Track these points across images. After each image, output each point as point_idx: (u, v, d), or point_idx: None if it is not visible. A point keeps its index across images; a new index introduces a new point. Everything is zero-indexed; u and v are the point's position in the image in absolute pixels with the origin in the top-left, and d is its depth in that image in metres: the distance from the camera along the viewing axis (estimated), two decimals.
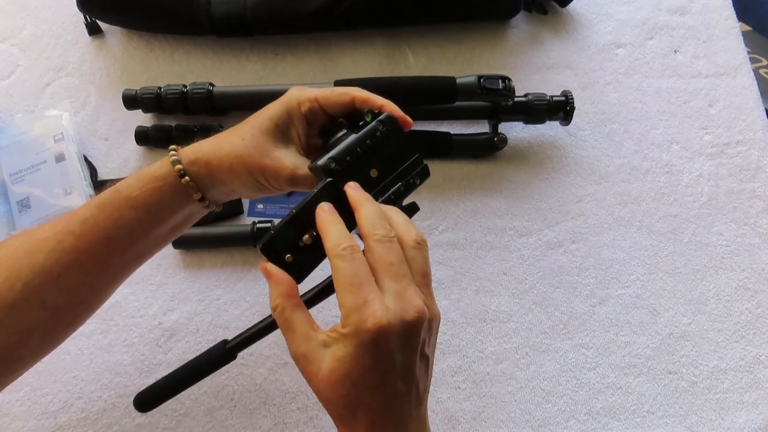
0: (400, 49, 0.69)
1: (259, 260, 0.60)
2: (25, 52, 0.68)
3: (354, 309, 0.33)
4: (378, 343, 0.32)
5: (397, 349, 0.33)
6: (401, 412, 0.35)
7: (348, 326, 0.33)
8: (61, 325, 0.43)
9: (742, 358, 0.59)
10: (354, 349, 0.33)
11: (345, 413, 0.34)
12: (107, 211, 0.41)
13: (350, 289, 0.33)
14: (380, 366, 0.33)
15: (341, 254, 0.34)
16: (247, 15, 0.64)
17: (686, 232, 0.63)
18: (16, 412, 0.54)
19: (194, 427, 0.54)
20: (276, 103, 0.43)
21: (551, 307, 0.60)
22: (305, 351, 0.34)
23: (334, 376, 0.33)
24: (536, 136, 0.67)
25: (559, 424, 0.56)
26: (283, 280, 0.36)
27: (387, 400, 0.34)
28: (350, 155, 0.39)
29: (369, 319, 0.32)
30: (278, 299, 0.35)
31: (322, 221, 0.36)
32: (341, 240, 0.35)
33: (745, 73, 0.70)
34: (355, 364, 0.33)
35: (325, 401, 0.35)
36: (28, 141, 0.62)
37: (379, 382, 0.33)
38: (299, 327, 0.35)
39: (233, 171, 0.41)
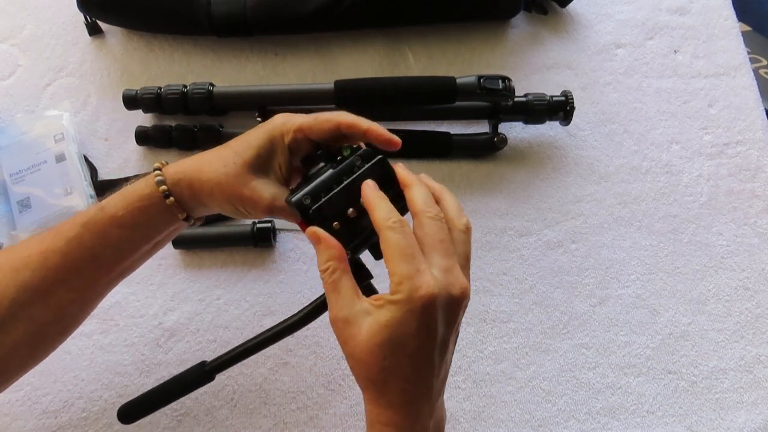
0: (400, 49, 0.69)
1: (259, 260, 0.60)
2: (26, 53, 0.68)
3: (407, 277, 0.34)
4: (426, 311, 0.34)
5: (440, 321, 0.34)
6: (430, 384, 0.36)
7: (399, 293, 0.34)
8: (47, 339, 0.43)
9: (741, 357, 0.59)
10: (402, 314, 0.34)
11: (378, 378, 0.35)
12: (93, 230, 0.41)
13: (403, 258, 0.34)
14: (422, 334, 0.34)
15: (392, 226, 0.35)
16: (247, 15, 0.64)
17: (686, 232, 0.63)
18: (16, 412, 0.54)
19: (194, 427, 0.54)
20: (260, 131, 0.43)
21: (551, 307, 0.60)
22: (347, 314, 0.35)
23: (374, 339, 0.34)
24: (536, 136, 0.67)
25: (559, 424, 0.56)
26: (334, 244, 0.37)
27: (420, 370, 0.35)
28: (325, 191, 0.39)
29: (422, 287, 0.33)
30: (329, 261, 0.36)
31: (370, 197, 0.37)
32: (391, 214, 0.36)
33: (744, 73, 0.70)
34: (399, 330, 0.34)
35: (359, 365, 0.35)
36: (28, 141, 0.62)
37: (417, 351, 0.34)
38: (345, 291, 0.36)
39: (213, 196, 0.42)
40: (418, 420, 0.36)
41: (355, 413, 0.55)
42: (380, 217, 0.36)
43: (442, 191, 0.40)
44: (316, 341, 0.57)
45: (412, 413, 0.35)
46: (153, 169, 0.42)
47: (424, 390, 0.36)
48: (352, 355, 0.35)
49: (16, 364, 0.43)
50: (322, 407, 0.55)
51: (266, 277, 0.60)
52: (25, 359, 0.43)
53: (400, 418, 0.35)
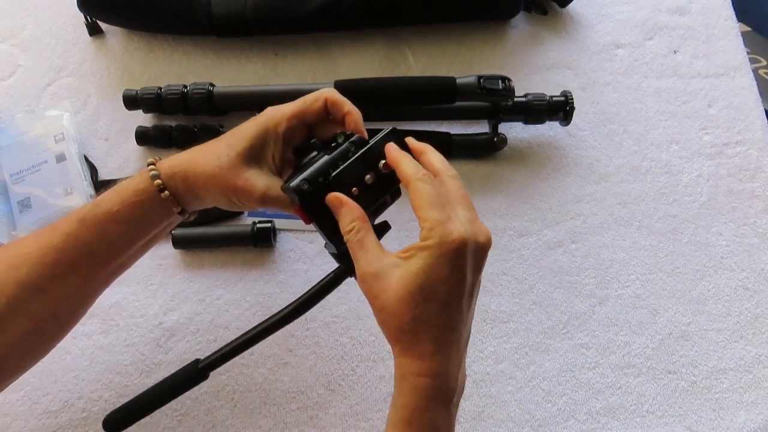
0: (400, 49, 0.70)
1: (259, 260, 0.60)
2: (26, 53, 0.68)
3: (439, 223, 0.35)
4: (458, 255, 0.35)
5: (469, 267, 0.36)
6: (459, 332, 0.37)
7: (431, 238, 0.35)
8: (46, 336, 0.44)
9: (741, 357, 0.59)
10: (434, 259, 0.35)
11: (410, 327, 0.35)
12: (89, 225, 0.41)
13: (435, 207, 0.36)
14: (453, 279, 0.35)
15: (422, 178, 0.37)
16: (247, 15, 0.64)
17: (686, 232, 0.64)
18: (16, 412, 0.54)
19: (194, 427, 0.54)
20: (252, 123, 0.43)
21: (551, 307, 0.60)
22: (376, 268, 0.36)
23: (406, 288, 0.35)
24: (536, 136, 0.67)
25: (558, 424, 0.56)
26: (355, 206, 0.39)
27: (451, 318, 0.36)
28: (323, 176, 0.40)
29: (454, 231, 0.35)
30: (353, 222, 0.38)
31: (396, 155, 0.39)
32: (418, 168, 0.38)
33: (744, 73, 0.70)
34: (431, 275, 0.35)
35: (390, 317, 0.36)
36: (28, 141, 0.62)
37: (449, 297, 0.35)
38: (372, 247, 0.37)
39: (207, 189, 0.42)
40: (449, 369, 0.36)
41: (355, 413, 0.55)
42: (409, 171, 0.38)
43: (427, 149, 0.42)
44: (316, 341, 0.57)
45: (444, 361, 0.36)
46: (147, 164, 0.43)
47: (454, 338, 0.36)
48: (383, 308, 0.36)
49: (14, 362, 0.43)
50: (322, 407, 0.55)
51: (266, 277, 0.60)
52: (23, 357, 0.43)
53: (433, 367, 0.36)
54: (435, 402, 0.36)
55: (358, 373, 0.57)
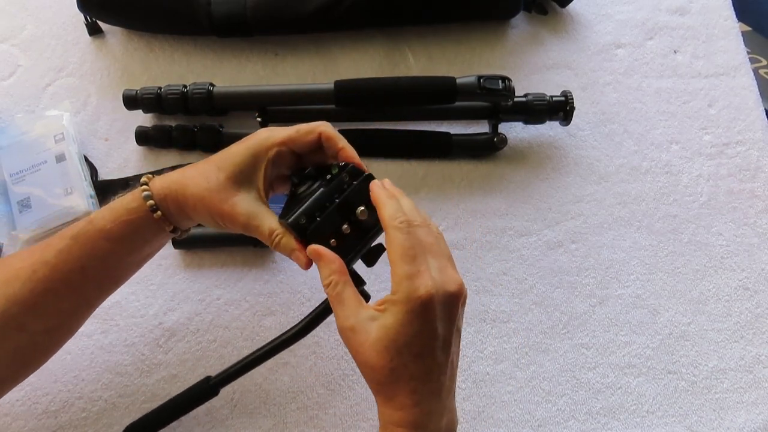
0: (400, 49, 0.69)
1: (259, 260, 0.60)
2: (26, 53, 0.68)
3: (407, 277, 0.36)
4: (426, 310, 0.35)
5: (439, 319, 0.36)
6: (440, 383, 0.37)
7: (399, 293, 0.36)
8: (39, 349, 0.44)
9: (741, 357, 0.59)
10: (403, 315, 0.36)
11: (387, 380, 0.36)
12: (81, 242, 0.42)
13: (406, 260, 0.36)
14: (425, 333, 0.36)
15: (399, 226, 0.37)
16: (247, 15, 0.64)
17: (686, 232, 0.64)
18: (16, 412, 0.54)
19: (194, 427, 0.54)
20: (243, 146, 0.43)
21: (551, 307, 0.60)
22: (354, 323, 0.37)
23: (380, 343, 0.36)
24: (536, 136, 0.67)
25: (558, 424, 0.56)
26: (334, 259, 0.39)
27: (428, 369, 0.36)
28: (319, 210, 0.41)
29: (421, 287, 0.35)
30: (331, 276, 0.38)
31: (379, 195, 0.40)
32: (398, 213, 0.38)
33: (744, 73, 0.70)
34: (402, 331, 0.35)
35: (369, 370, 0.37)
36: (28, 141, 0.62)
37: (422, 350, 0.36)
38: (349, 301, 0.38)
39: (197, 210, 0.42)
40: (430, 419, 0.36)
41: (355, 413, 0.55)
42: (388, 215, 0.38)
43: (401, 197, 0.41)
44: (316, 341, 0.57)
45: (424, 412, 0.36)
46: (140, 183, 0.43)
47: (433, 388, 0.37)
48: (362, 361, 0.37)
49: (7, 376, 0.43)
50: (322, 407, 0.55)
51: (266, 277, 0.60)
52: (16, 370, 0.44)
53: (412, 418, 0.36)
54: None
55: (358, 373, 0.56)
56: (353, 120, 0.65)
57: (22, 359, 0.43)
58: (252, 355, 0.46)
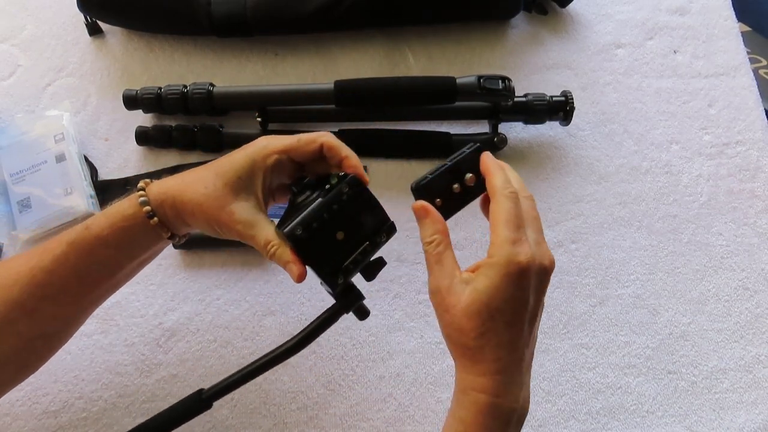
0: (400, 49, 0.69)
1: (259, 260, 0.60)
2: (26, 53, 0.68)
3: (509, 242, 0.36)
4: (523, 277, 0.36)
5: (532, 288, 0.37)
6: (522, 354, 0.37)
7: (499, 256, 0.36)
8: (34, 354, 0.44)
9: (741, 357, 0.59)
10: (500, 279, 0.36)
11: (474, 344, 0.36)
12: (78, 248, 0.41)
13: (510, 226, 0.37)
14: (518, 299, 0.36)
15: (508, 195, 0.38)
16: (247, 15, 0.64)
17: (686, 232, 0.64)
18: (16, 412, 0.54)
19: (195, 427, 0.54)
20: (242, 153, 0.43)
21: (551, 307, 0.60)
22: (449, 283, 0.37)
23: (473, 306, 0.36)
24: (536, 136, 0.67)
25: (559, 424, 0.56)
26: (440, 219, 0.40)
27: (515, 338, 0.37)
28: (316, 221, 0.40)
29: (521, 253, 0.36)
30: (435, 234, 0.39)
31: (490, 165, 0.41)
32: (509, 184, 0.39)
33: (744, 73, 0.70)
34: (496, 294, 0.36)
35: (457, 332, 0.37)
36: (28, 141, 0.62)
37: (513, 317, 0.36)
38: (448, 262, 0.38)
39: (194, 216, 0.42)
40: (510, 389, 0.37)
41: (355, 413, 0.55)
42: (498, 184, 0.39)
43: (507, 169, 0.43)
44: (316, 341, 0.57)
45: (505, 381, 0.37)
46: (137, 189, 0.43)
47: (516, 358, 0.37)
48: (450, 323, 0.37)
49: (4, 377, 0.43)
50: (322, 407, 0.55)
51: (266, 277, 0.60)
52: (12, 374, 0.44)
53: (494, 385, 0.36)
54: (492, 420, 0.37)
55: (358, 373, 0.57)
56: (353, 120, 0.65)
57: (17, 363, 0.43)
58: (247, 368, 0.44)
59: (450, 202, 0.42)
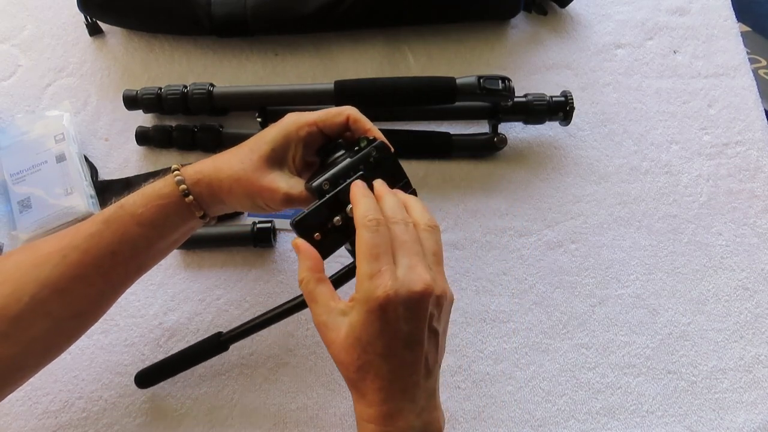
0: (400, 49, 0.70)
1: (259, 260, 0.60)
2: (26, 53, 0.68)
3: (367, 277, 0.36)
4: (385, 311, 0.35)
5: (403, 319, 0.35)
6: (408, 381, 0.37)
7: (360, 293, 0.36)
8: (64, 335, 0.44)
9: (741, 357, 0.59)
10: (364, 315, 0.35)
11: (356, 377, 0.37)
12: (113, 227, 0.42)
13: (368, 259, 0.36)
14: (386, 333, 0.35)
15: (367, 224, 0.37)
16: (248, 15, 0.64)
17: (686, 232, 0.64)
18: (17, 412, 0.54)
19: (194, 427, 0.54)
20: (274, 128, 0.45)
21: (551, 307, 0.60)
22: (326, 320, 0.37)
23: (347, 340, 0.36)
24: (536, 136, 0.67)
25: (558, 424, 0.56)
26: (310, 255, 0.39)
27: (394, 368, 0.36)
28: (343, 178, 0.42)
29: (379, 287, 0.35)
30: (305, 272, 0.39)
31: (355, 194, 0.40)
32: (369, 212, 0.38)
33: (744, 73, 0.70)
34: (364, 330, 0.36)
35: (339, 365, 0.37)
36: (28, 141, 0.62)
37: (386, 350, 0.36)
38: (321, 298, 0.38)
39: (233, 193, 0.43)
40: (400, 418, 0.36)
41: (354, 413, 0.55)
42: (358, 214, 0.38)
43: (407, 198, 0.42)
44: (316, 341, 0.57)
45: (393, 410, 0.36)
46: (171, 170, 0.44)
47: (402, 386, 0.36)
48: (334, 356, 0.37)
49: (33, 360, 0.43)
50: (322, 407, 0.55)
51: (266, 277, 0.60)
52: (42, 355, 0.44)
53: (380, 414, 0.36)
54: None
55: None
56: None
57: (48, 344, 0.43)
58: (264, 315, 0.48)
59: (331, 235, 0.41)
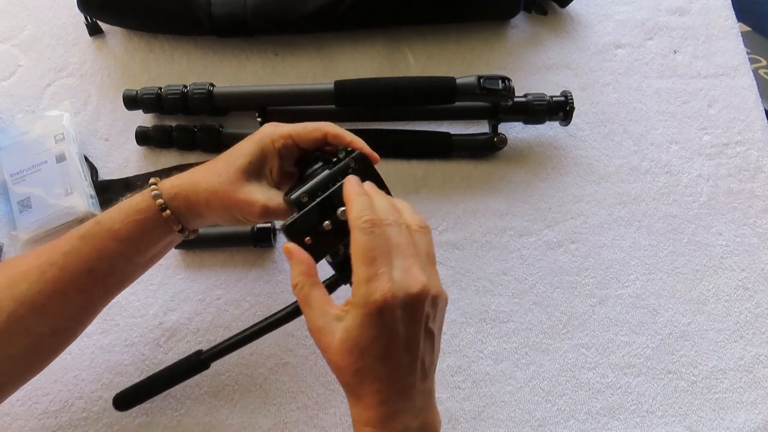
0: (400, 49, 0.70)
1: (259, 260, 0.60)
2: (26, 53, 0.68)
3: (364, 281, 0.35)
4: (383, 314, 0.35)
5: (400, 321, 0.35)
6: (405, 383, 0.36)
7: (357, 296, 0.35)
8: (43, 352, 0.44)
9: (741, 357, 0.59)
10: (362, 318, 0.35)
11: (353, 381, 0.36)
12: (89, 243, 0.42)
13: (364, 262, 0.35)
14: (385, 336, 0.35)
15: (362, 227, 0.36)
16: (248, 15, 0.64)
17: (686, 232, 0.64)
18: (17, 412, 0.54)
19: (194, 427, 0.54)
20: (250, 140, 0.44)
21: (551, 307, 0.60)
22: (321, 325, 0.37)
23: (344, 345, 0.35)
24: (536, 136, 0.67)
25: (558, 424, 0.56)
26: (303, 260, 0.38)
27: (391, 370, 0.36)
28: (322, 190, 0.41)
29: (377, 291, 0.34)
30: (298, 277, 0.38)
31: (349, 192, 0.39)
32: (364, 212, 0.37)
33: (744, 73, 0.70)
34: (362, 333, 0.35)
35: (336, 370, 0.37)
36: (28, 141, 0.62)
37: (383, 352, 0.35)
38: (316, 303, 0.37)
39: (210, 206, 0.43)
40: (397, 419, 0.36)
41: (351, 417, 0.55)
42: (353, 214, 0.37)
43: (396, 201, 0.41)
44: None
45: (390, 412, 0.36)
46: (149, 184, 0.43)
47: (399, 388, 0.36)
48: (330, 361, 0.37)
49: (13, 377, 0.43)
50: (322, 407, 0.55)
51: (266, 277, 0.60)
52: (22, 372, 0.44)
53: (377, 417, 0.36)
54: None
55: None
56: (353, 120, 0.65)
57: (25, 363, 0.43)
58: (244, 332, 0.46)
59: (323, 239, 0.40)
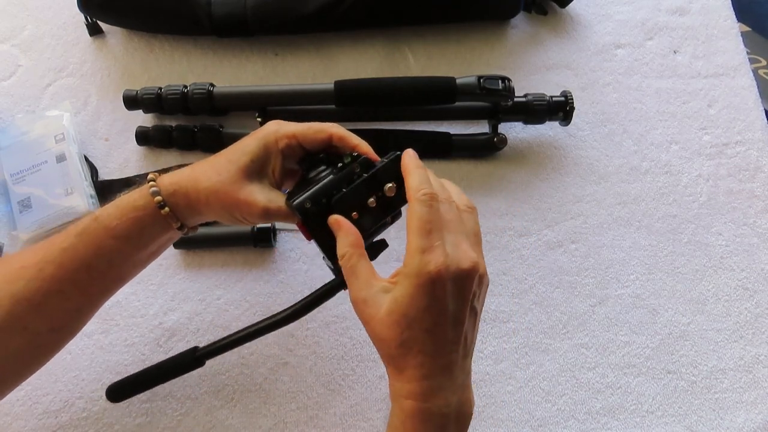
0: (400, 49, 0.70)
1: (259, 260, 0.60)
2: (26, 53, 0.68)
3: (419, 251, 0.35)
4: (435, 286, 0.35)
5: (450, 295, 0.36)
6: (449, 358, 0.37)
7: (410, 266, 0.35)
8: (42, 349, 0.44)
9: (741, 357, 0.59)
10: (413, 289, 0.35)
11: (397, 353, 0.36)
12: (87, 240, 0.41)
13: (421, 233, 0.36)
14: (434, 308, 0.35)
15: (421, 199, 0.37)
16: (248, 15, 0.64)
17: (685, 232, 0.64)
18: (17, 412, 0.54)
19: (194, 427, 0.54)
20: (253, 138, 0.44)
21: (551, 307, 0.60)
22: (366, 296, 0.37)
23: (392, 316, 0.36)
24: (536, 136, 0.67)
25: (558, 424, 0.56)
26: (351, 232, 0.39)
27: (437, 344, 0.36)
28: (326, 197, 0.41)
29: (431, 262, 0.35)
30: (346, 248, 0.39)
31: (408, 164, 0.40)
32: (423, 185, 0.37)
33: (744, 73, 0.70)
34: (412, 304, 0.35)
35: (379, 342, 0.37)
36: (28, 141, 0.62)
37: (432, 325, 0.36)
38: (362, 274, 0.38)
39: (209, 205, 0.42)
40: (439, 393, 0.36)
41: (355, 413, 0.55)
42: (413, 185, 0.38)
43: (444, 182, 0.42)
44: (316, 341, 0.57)
45: (433, 386, 0.36)
46: (147, 180, 0.43)
47: (443, 363, 0.36)
48: (373, 333, 0.37)
49: (11, 374, 0.43)
50: (322, 407, 0.55)
51: (266, 277, 0.60)
52: (20, 370, 0.44)
53: (420, 390, 0.36)
54: (422, 424, 0.36)
55: (358, 373, 0.57)
56: (353, 120, 0.65)
57: (24, 361, 0.43)
58: (241, 332, 0.45)
59: (369, 214, 0.41)
